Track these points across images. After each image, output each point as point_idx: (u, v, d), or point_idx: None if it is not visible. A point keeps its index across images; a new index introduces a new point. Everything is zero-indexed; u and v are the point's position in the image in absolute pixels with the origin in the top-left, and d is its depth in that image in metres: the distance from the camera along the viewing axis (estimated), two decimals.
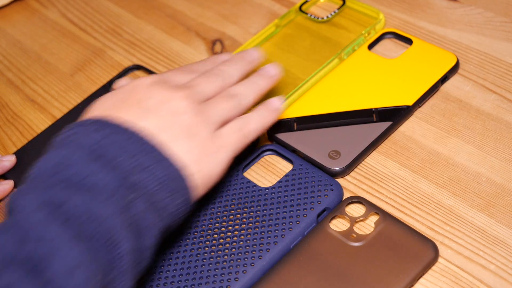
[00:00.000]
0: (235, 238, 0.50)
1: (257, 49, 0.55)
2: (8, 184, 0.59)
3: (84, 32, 0.75)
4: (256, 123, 0.50)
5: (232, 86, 0.51)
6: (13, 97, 0.69)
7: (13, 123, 0.66)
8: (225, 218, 0.52)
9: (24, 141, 0.63)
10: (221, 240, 0.50)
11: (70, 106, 0.66)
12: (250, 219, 0.51)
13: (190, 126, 0.46)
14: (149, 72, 0.67)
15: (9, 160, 0.60)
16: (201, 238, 0.51)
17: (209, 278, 0.48)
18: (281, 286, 0.47)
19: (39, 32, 0.76)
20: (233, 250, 0.49)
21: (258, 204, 0.52)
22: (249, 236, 0.50)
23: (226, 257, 0.49)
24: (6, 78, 0.72)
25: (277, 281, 0.47)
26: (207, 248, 0.50)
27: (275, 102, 0.52)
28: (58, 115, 0.66)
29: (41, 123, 0.66)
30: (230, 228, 0.51)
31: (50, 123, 0.65)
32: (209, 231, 0.51)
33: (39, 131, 0.64)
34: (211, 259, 0.49)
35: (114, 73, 0.69)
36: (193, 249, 0.50)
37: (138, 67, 0.68)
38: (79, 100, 0.67)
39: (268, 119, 0.51)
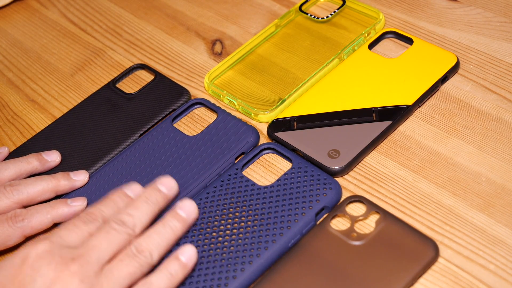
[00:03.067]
0: (233, 236, 0.50)
1: (170, 177, 0.49)
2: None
3: (84, 32, 0.75)
4: (164, 285, 0.45)
5: (137, 239, 0.45)
6: (13, 97, 0.69)
7: (13, 123, 0.66)
8: (223, 216, 0.52)
9: (24, 141, 0.63)
10: (220, 238, 0.50)
11: (70, 106, 0.66)
12: (249, 217, 0.51)
13: None
14: (152, 71, 0.67)
15: (81, 180, 0.57)
16: (200, 236, 0.51)
17: (207, 276, 0.48)
18: (282, 284, 0.47)
19: (39, 32, 0.76)
20: (232, 248, 0.49)
21: (257, 203, 0.52)
22: (247, 234, 0.50)
23: (224, 255, 0.49)
24: (6, 78, 0.72)
25: (278, 279, 0.47)
26: (205, 246, 0.50)
27: (186, 252, 0.46)
28: (58, 115, 0.66)
29: (41, 123, 0.65)
30: (229, 226, 0.51)
31: (50, 123, 0.65)
32: (208, 229, 0.51)
33: (39, 131, 0.64)
34: (210, 257, 0.49)
35: (114, 73, 0.69)
36: None
37: (142, 66, 0.68)
38: (79, 100, 0.67)
39: (178, 277, 0.46)
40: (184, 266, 0.46)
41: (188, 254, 0.46)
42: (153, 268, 0.46)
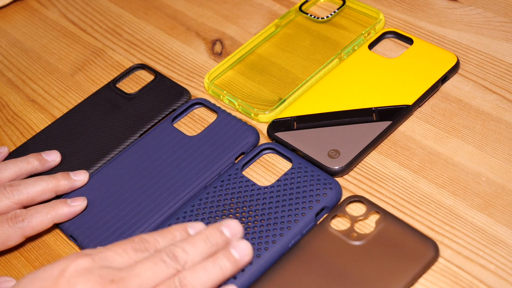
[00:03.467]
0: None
1: (237, 222, 0.47)
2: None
3: (84, 32, 0.75)
4: None
5: (183, 272, 0.43)
6: (13, 97, 0.69)
7: (13, 123, 0.66)
8: (224, 216, 0.52)
9: (24, 141, 0.63)
10: None
11: (70, 106, 0.66)
12: (249, 218, 0.51)
13: None
14: (152, 71, 0.67)
15: (81, 180, 0.56)
16: None
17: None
18: (282, 284, 0.47)
19: (39, 32, 0.76)
20: None
21: (257, 203, 0.52)
22: (247, 234, 0.50)
23: None
24: (6, 78, 0.72)
25: (278, 279, 0.47)
26: None
27: None
28: (58, 115, 0.66)
29: (41, 123, 0.65)
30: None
31: (50, 123, 0.65)
32: None
33: (39, 131, 0.64)
34: None
35: (114, 73, 0.69)
36: None
37: (142, 66, 0.68)
38: (79, 100, 0.67)
39: None
40: None
41: None
42: None
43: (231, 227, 0.47)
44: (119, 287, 0.41)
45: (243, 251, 0.46)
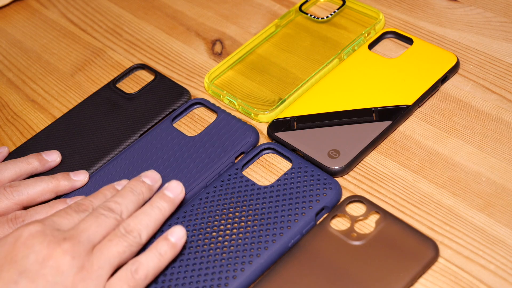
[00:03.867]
0: (233, 236, 0.50)
1: (154, 171, 0.52)
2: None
3: (84, 32, 0.75)
4: (153, 264, 0.46)
5: (126, 220, 0.47)
6: (13, 97, 0.69)
7: (13, 123, 0.66)
8: (223, 216, 0.52)
9: (24, 141, 0.63)
10: (220, 238, 0.50)
11: (70, 106, 0.66)
12: (249, 217, 0.51)
13: (73, 286, 0.43)
14: (152, 71, 0.67)
15: (81, 181, 0.57)
16: (200, 236, 0.51)
17: (207, 276, 0.48)
18: (282, 284, 0.47)
19: (39, 32, 0.76)
20: (232, 248, 0.49)
21: (257, 203, 0.52)
22: (247, 234, 0.50)
23: (224, 255, 0.49)
24: (6, 78, 0.72)
25: (278, 279, 0.47)
26: (205, 246, 0.50)
27: (176, 232, 0.47)
28: (58, 115, 0.66)
29: (41, 123, 0.65)
30: (229, 226, 0.51)
31: (50, 123, 0.65)
32: (208, 229, 0.51)
33: (39, 131, 0.64)
34: (209, 257, 0.49)
35: (114, 73, 0.69)
36: (191, 246, 0.50)
37: (142, 66, 0.68)
38: (79, 100, 0.67)
39: (167, 256, 0.47)
40: (173, 246, 0.47)
41: (177, 234, 0.47)
42: (142, 249, 0.48)
43: (150, 176, 0.51)
44: (72, 243, 0.45)
45: (175, 189, 0.50)
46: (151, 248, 0.47)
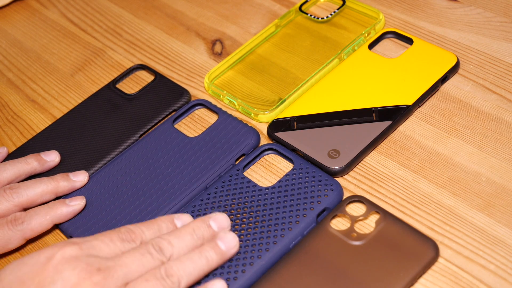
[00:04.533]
0: None
1: (226, 216, 0.47)
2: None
3: (84, 32, 0.75)
4: None
5: (169, 263, 0.44)
6: (13, 97, 0.69)
7: (13, 123, 0.66)
8: None
9: (24, 141, 0.63)
10: None
11: (70, 106, 0.66)
12: (250, 218, 0.51)
13: None
14: (152, 71, 0.67)
15: (81, 181, 0.56)
16: None
17: (208, 277, 0.48)
18: (282, 285, 0.47)
19: (39, 32, 0.76)
20: None
21: (258, 204, 0.52)
22: (248, 235, 0.50)
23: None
24: (6, 78, 0.72)
25: (278, 280, 0.47)
26: None
27: (216, 286, 0.44)
28: (58, 115, 0.66)
29: (41, 123, 0.65)
30: (230, 227, 0.51)
31: (50, 123, 0.65)
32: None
33: (39, 131, 0.64)
34: None
35: (114, 73, 0.69)
36: None
37: (142, 67, 0.68)
38: (79, 100, 0.67)
39: None
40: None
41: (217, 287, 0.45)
42: None
43: (219, 221, 0.47)
44: (105, 276, 0.42)
45: (229, 243, 0.46)
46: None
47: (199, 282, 0.47)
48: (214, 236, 0.47)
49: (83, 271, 0.42)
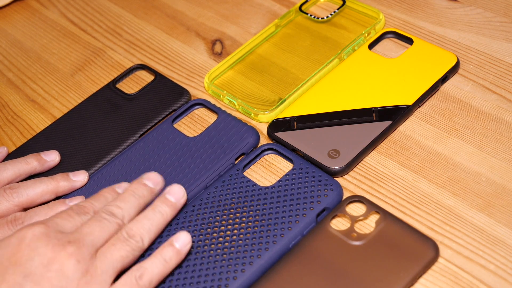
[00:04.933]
0: (234, 237, 0.50)
1: (157, 173, 0.51)
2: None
3: (84, 32, 0.75)
4: (158, 271, 0.46)
5: (128, 225, 0.47)
6: (13, 97, 0.69)
7: (13, 123, 0.66)
8: (224, 217, 0.52)
9: (24, 141, 0.63)
10: (220, 239, 0.50)
11: (70, 106, 0.66)
12: (250, 218, 0.51)
13: None
14: (152, 71, 0.67)
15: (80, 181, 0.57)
16: (200, 236, 0.51)
17: (207, 277, 0.48)
18: (282, 285, 0.47)
19: (39, 32, 0.76)
20: (232, 249, 0.49)
21: (258, 204, 0.52)
22: (248, 235, 0.50)
23: (225, 255, 0.49)
24: (6, 78, 0.72)
25: (278, 280, 0.47)
26: (206, 247, 0.50)
27: (180, 238, 0.47)
28: (58, 115, 0.66)
29: (41, 123, 0.65)
30: (230, 227, 0.51)
31: (50, 123, 0.65)
32: (208, 229, 0.51)
33: (39, 131, 0.64)
34: (210, 257, 0.49)
35: (114, 73, 0.69)
36: (192, 247, 0.50)
37: (142, 67, 0.68)
38: (79, 100, 0.67)
39: (172, 263, 0.47)
40: (178, 252, 0.47)
41: (182, 240, 0.48)
42: (144, 253, 0.48)
43: (152, 178, 0.51)
44: (77, 246, 0.44)
45: (177, 194, 0.50)
46: (156, 254, 0.47)
47: (161, 237, 0.50)
48: (153, 193, 0.50)
49: (56, 245, 0.44)
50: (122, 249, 0.46)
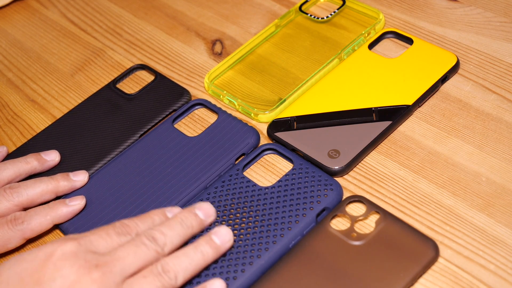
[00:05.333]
0: (234, 237, 0.50)
1: (210, 204, 0.49)
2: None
3: (84, 32, 0.75)
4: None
5: (165, 258, 0.45)
6: (13, 97, 0.69)
7: (13, 123, 0.66)
8: (224, 217, 0.52)
9: (24, 141, 0.63)
10: None
11: (70, 106, 0.66)
12: (250, 218, 0.51)
13: None
14: (153, 71, 0.67)
15: (80, 180, 0.57)
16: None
17: (207, 277, 0.48)
18: (282, 284, 0.47)
19: (39, 32, 0.76)
20: (232, 249, 0.49)
21: (258, 204, 0.52)
22: (248, 235, 0.50)
23: (225, 256, 0.49)
24: (6, 78, 0.72)
25: (278, 280, 0.47)
26: None
27: (214, 285, 0.45)
28: (58, 115, 0.66)
29: (41, 123, 0.65)
30: (230, 227, 0.51)
31: (50, 123, 0.65)
32: (208, 229, 0.51)
33: (39, 131, 0.64)
34: None
35: (114, 73, 0.69)
36: None
37: (142, 67, 0.68)
38: (79, 100, 0.67)
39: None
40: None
41: (216, 287, 0.45)
42: None
43: (204, 209, 0.49)
44: (103, 271, 0.42)
45: (223, 236, 0.47)
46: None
47: (198, 281, 0.47)
48: (202, 225, 0.48)
49: (82, 267, 0.42)
50: (152, 284, 0.43)
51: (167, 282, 0.43)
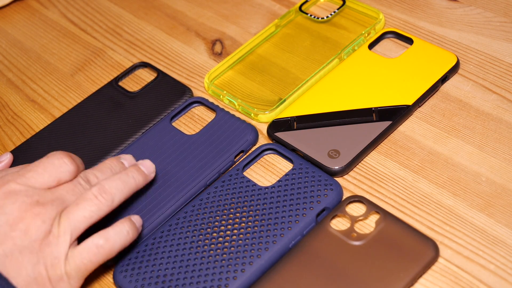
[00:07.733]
0: (234, 237, 0.50)
1: (131, 156, 0.53)
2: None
3: (84, 32, 0.75)
4: (120, 240, 0.46)
5: (100, 182, 0.47)
6: (13, 97, 0.69)
7: (13, 123, 0.66)
8: (224, 217, 0.52)
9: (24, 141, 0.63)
10: (220, 239, 0.50)
11: (70, 106, 0.66)
12: (250, 218, 0.51)
13: (40, 251, 0.44)
14: (155, 69, 0.67)
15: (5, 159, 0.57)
16: (200, 236, 0.51)
17: (207, 277, 0.48)
18: (282, 285, 0.47)
19: (39, 32, 0.76)
20: (232, 249, 0.49)
21: (258, 204, 0.52)
22: (248, 235, 0.50)
23: (225, 255, 0.49)
24: (6, 78, 0.72)
25: (278, 280, 0.47)
26: (206, 247, 0.50)
27: (137, 219, 0.49)
28: (58, 115, 0.66)
29: (41, 123, 0.66)
30: (230, 227, 0.51)
31: (50, 123, 0.65)
32: (208, 229, 0.51)
33: (41, 129, 0.64)
34: (210, 257, 0.49)
35: (114, 73, 0.69)
36: (192, 247, 0.50)
37: (144, 65, 0.68)
38: (79, 100, 0.67)
39: (130, 236, 0.47)
40: (138, 228, 0.49)
41: (136, 218, 0.49)
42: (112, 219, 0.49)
43: (127, 159, 0.52)
44: (44, 207, 0.45)
45: (149, 168, 0.52)
46: (118, 224, 0.47)
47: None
48: (146, 178, 0.51)
49: (27, 202, 0.45)
50: (86, 209, 0.46)
51: (104, 203, 0.46)
